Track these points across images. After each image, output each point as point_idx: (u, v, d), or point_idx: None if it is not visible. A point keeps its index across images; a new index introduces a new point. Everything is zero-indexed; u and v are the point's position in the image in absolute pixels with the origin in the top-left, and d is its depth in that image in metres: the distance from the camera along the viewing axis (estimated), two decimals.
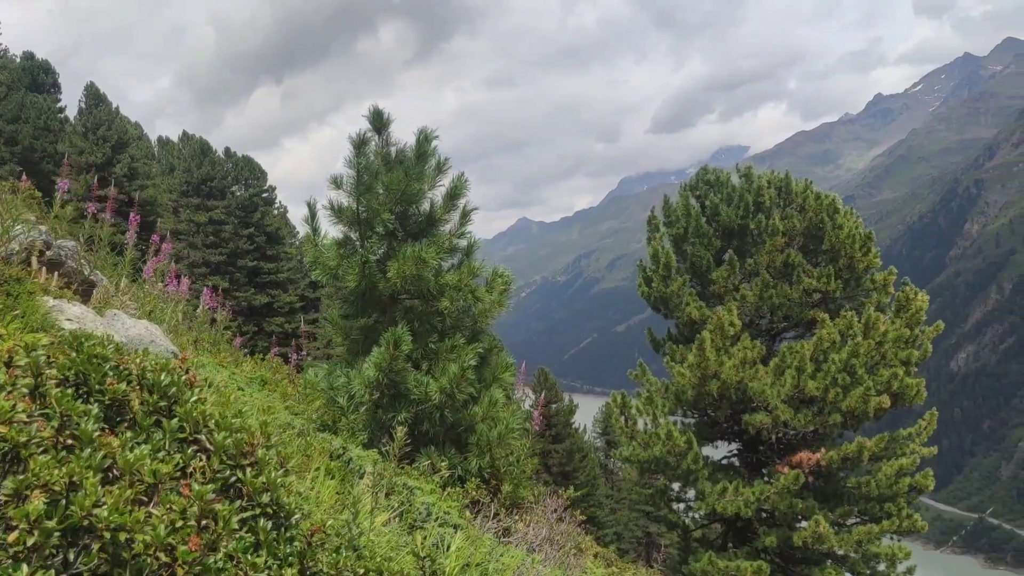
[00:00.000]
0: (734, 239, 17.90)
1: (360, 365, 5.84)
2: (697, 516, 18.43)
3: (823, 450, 16.05)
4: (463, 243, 6.49)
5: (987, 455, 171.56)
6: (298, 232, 77.66)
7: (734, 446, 19.21)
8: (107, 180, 56.50)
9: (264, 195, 68.13)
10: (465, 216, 6.43)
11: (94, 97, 60.01)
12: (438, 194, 6.37)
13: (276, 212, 70.66)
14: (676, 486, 18.75)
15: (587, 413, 64.30)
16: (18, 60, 59.58)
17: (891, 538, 17.02)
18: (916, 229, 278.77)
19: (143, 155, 65.13)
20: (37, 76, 63.27)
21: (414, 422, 5.90)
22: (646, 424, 17.61)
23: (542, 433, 60.04)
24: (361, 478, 5.03)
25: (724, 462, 18.54)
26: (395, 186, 5.89)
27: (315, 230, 6.18)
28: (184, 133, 70.47)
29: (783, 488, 15.78)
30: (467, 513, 4.92)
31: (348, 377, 5.82)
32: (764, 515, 17.24)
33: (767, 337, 18.36)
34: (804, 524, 16.54)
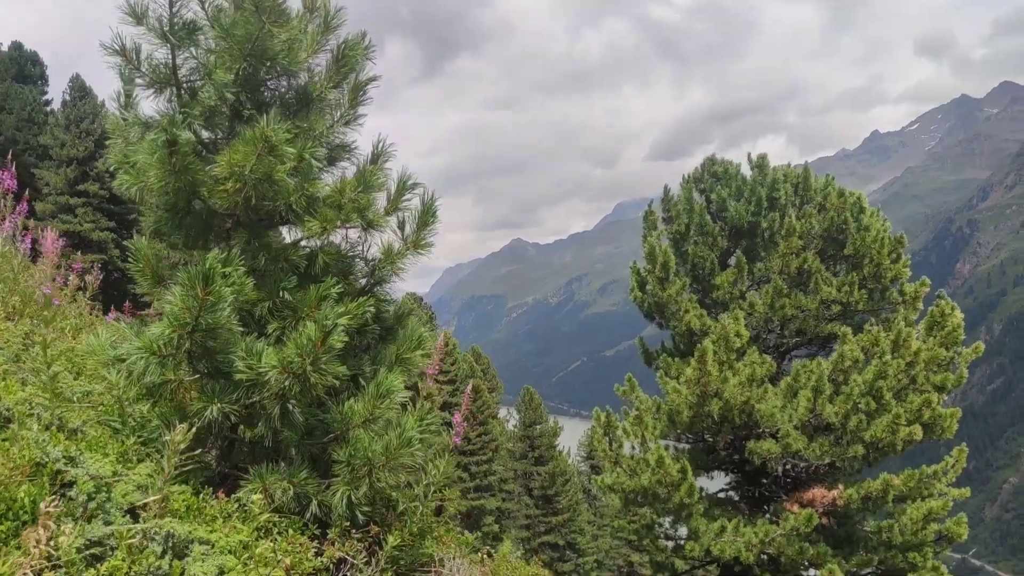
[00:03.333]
0: (742, 239, 15.54)
1: None
2: (689, 558, 15.89)
3: (840, 487, 13.62)
4: (357, 142, 4.11)
5: (972, 496, 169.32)
6: None
7: (732, 477, 16.77)
8: (87, 174, 54.24)
9: None
10: (358, 91, 4.00)
11: (79, 89, 57.73)
12: (323, 63, 3.99)
13: None
14: (666, 521, 16.25)
15: (572, 436, 62.21)
16: (5, 50, 57.32)
17: None
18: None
19: None
20: (24, 67, 60.83)
21: (244, 421, 3.51)
22: (633, 448, 15.15)
23: (524, 454, 57.82)
24: (89, 519, 2.62)
25: (721, 495, 16.07)
26: (240, 31, 3.51)
27: (127, 105, 3.77)
28: None
29: (792, 530, 13.33)
30: None
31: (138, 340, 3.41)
32: (766, 560, 14.77)
33: (775, 354, 15.95)
34: (813, 573, 14.11)
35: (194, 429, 2.61)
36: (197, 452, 3.07)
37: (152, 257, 3.67)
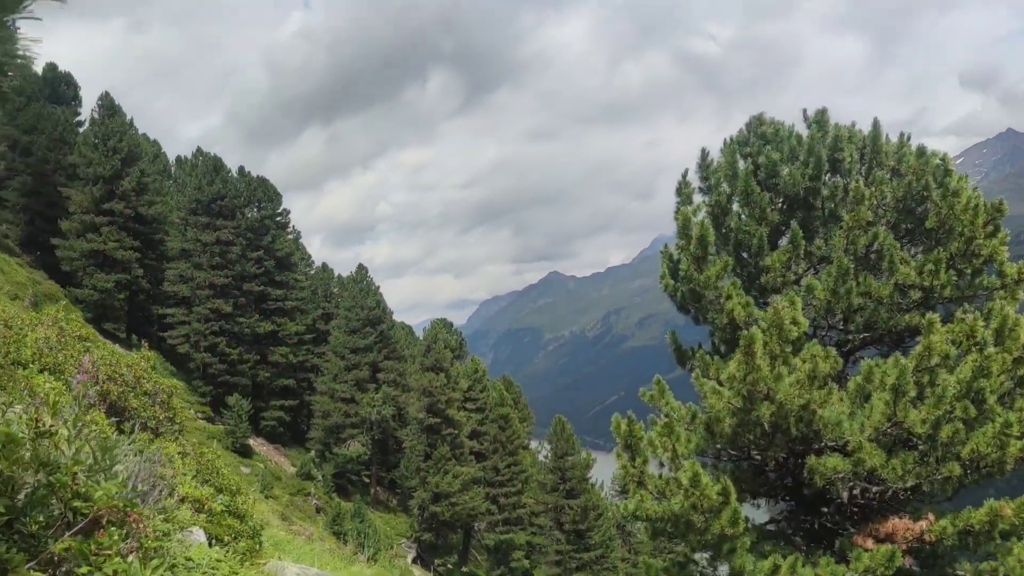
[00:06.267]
0: (798, 211, 12.70)
1: None
2: None
3: (930, 516, 10.60)
4: None
5: None
6: (313, 261, 72.80)
7: (784, 506, 13.76)
8: (113, 193, 52.20)
9: (277, 218, 63.80)
10: None
11: (109, 108, 56.37)
12: None
13: (289, 236, 66.28)
14: (703, 557, 13.24)
15: (607, 471, 59.16)
16: (39, 71, 56.24)
17: None
18: None
19: (157, 171, 61.28)
20: (58, 88, 59.93)
21: None
22: (662, 465, 12.26)
23: (555, 487, 54.45)
24: None
25: (772, 527, 13.07)
26: None
27: None
28: (198, 149, 66.59)
29: (866, 572, 10.33)
30: None
31: None
32: None
33: (838, 353, 13.02)
34: None
35: None
36: None
37: None
